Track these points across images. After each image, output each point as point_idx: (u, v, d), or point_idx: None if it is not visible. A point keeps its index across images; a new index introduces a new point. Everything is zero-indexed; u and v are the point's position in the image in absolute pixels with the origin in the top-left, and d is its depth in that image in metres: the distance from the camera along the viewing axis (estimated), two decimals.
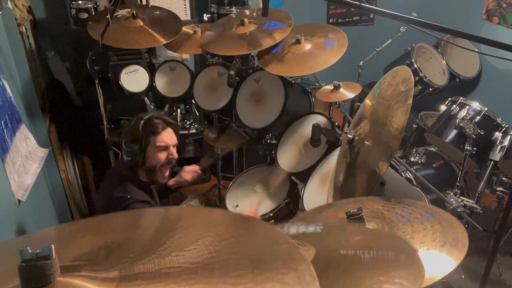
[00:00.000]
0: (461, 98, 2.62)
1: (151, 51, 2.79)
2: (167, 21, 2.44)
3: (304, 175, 2.12)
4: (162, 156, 1.73)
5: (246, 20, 2.27)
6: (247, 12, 2.45)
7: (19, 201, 1.70)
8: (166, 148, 1.73)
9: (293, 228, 1.09)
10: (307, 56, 2.14)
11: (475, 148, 2.33)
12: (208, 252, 0.66)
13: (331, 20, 3.95)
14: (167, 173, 1.79)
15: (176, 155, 1.77)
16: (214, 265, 0.63)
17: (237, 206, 2.24)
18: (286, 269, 0.63)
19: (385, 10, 1.19)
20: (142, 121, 1.69)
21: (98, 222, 0.86)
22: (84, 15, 2.67)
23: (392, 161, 2.18)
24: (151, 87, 2.43)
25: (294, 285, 0.60)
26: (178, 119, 2.75)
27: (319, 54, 2.14)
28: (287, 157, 2.21)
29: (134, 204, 1.66)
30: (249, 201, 2.26)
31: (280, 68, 2.13)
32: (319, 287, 0.61)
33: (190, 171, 2.10)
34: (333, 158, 1.98)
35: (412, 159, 2.65)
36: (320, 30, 2.28)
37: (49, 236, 0.87)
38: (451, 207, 2.14)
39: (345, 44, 2.15)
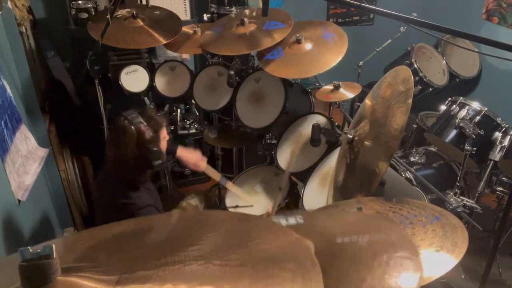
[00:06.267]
0: (461, 98, 2.62)
1: (151, 51, 2.79)
2: (167, 21, 2.44)
3: (304, 175, 2.12)
4: (165, 143, 1.81)
5: (246, 20, 2.27)
6: (247, 12, 2.45)
7: (19, 201, 1.70)
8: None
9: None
10: (308, 56, 2.14)
11: (475, 148, 2.33)
12: (208, 251, 0.66)
13: (331, 20, 3.95)
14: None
15: (167, 136, 1.85)
16: (213, 265, 0.63)
17: (237, 206, 2.25)
18: (287, 259, 0.63)
19: (385, 10, 1.19)
20: (145, 122, 1.69)
21: (100, 230, 0.87)
22: (84, 15, 2.67)
23: (392, 161, 2.18)
24: (151, 87, 2.43)
25: (297, 275, 0.61)
26: (178, 119, 2.75)
27: (322, 51, 2.13)
28: (287, 157, 2.21)
29: (140, 211, 1.68)
30: (250, 200, 2.26)
31: (283, 70, 2.13)
32: (322, 280, 0.61)
33: (196, 162, 2.14)
34: (333, 158, 1.98)
35: (412, 159, 2.65)
36: (311, 25, 2.28)
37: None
38: (451, 207, 2.14)
39: (343, 35, 2.17)
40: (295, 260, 0.64)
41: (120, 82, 2.37)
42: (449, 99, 2.71)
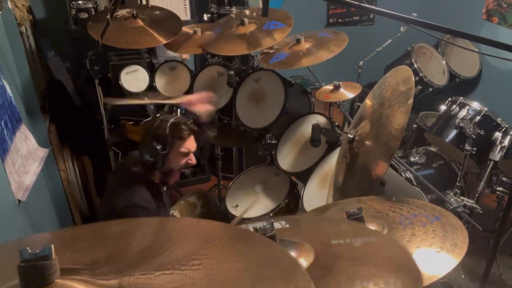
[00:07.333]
0: (461, 98, 2.62)
1: (151, 51, 2.79)
2: (167, 21, 2.44)
3: (304, 175, 2.12)
4: (183, 161, 1.75)
5: (246, 20, 2.27)
6: (247, 12, 2.45)
7: (19, 201, 1.70)
8: (188, 154, 1.75)
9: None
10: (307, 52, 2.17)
11: (475, 148, 2.33)
12: (208, 264, 0.65)
13: (331, 20, 3.95)
14: (178, 177, 1.80)
15: (195, 161, 1.79)
16: (213, 277, 0.62)
17: (237, 206, 2.24)
18: (285, 282, 0.62)
19: (385, 10, 1.19)
20: (169, 124, 1.67)
21: (100, 228, 0.86)
22: (84, 15, 2.67)
23: (392, 161, 2.18)
24: (151, 87, 2.43)
25: None
26: None
27: (322, 46, 2.17)
28: (287, 157, 2.21)
29: (134, 208, 1.64)
30: (249, 201, 2.26)
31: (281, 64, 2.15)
32: None
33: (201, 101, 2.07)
34: (333, 158, 1.98)
35: (412, 159, 2.65)
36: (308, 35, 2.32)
37: (50, 238, 0.87)
38: (451, 207, 2.14)
39: (339, 33, 2.22)
40: (291, 279, 0.63)
41: (120, 82, 2.37)
42: (449, 99, 2.71)
